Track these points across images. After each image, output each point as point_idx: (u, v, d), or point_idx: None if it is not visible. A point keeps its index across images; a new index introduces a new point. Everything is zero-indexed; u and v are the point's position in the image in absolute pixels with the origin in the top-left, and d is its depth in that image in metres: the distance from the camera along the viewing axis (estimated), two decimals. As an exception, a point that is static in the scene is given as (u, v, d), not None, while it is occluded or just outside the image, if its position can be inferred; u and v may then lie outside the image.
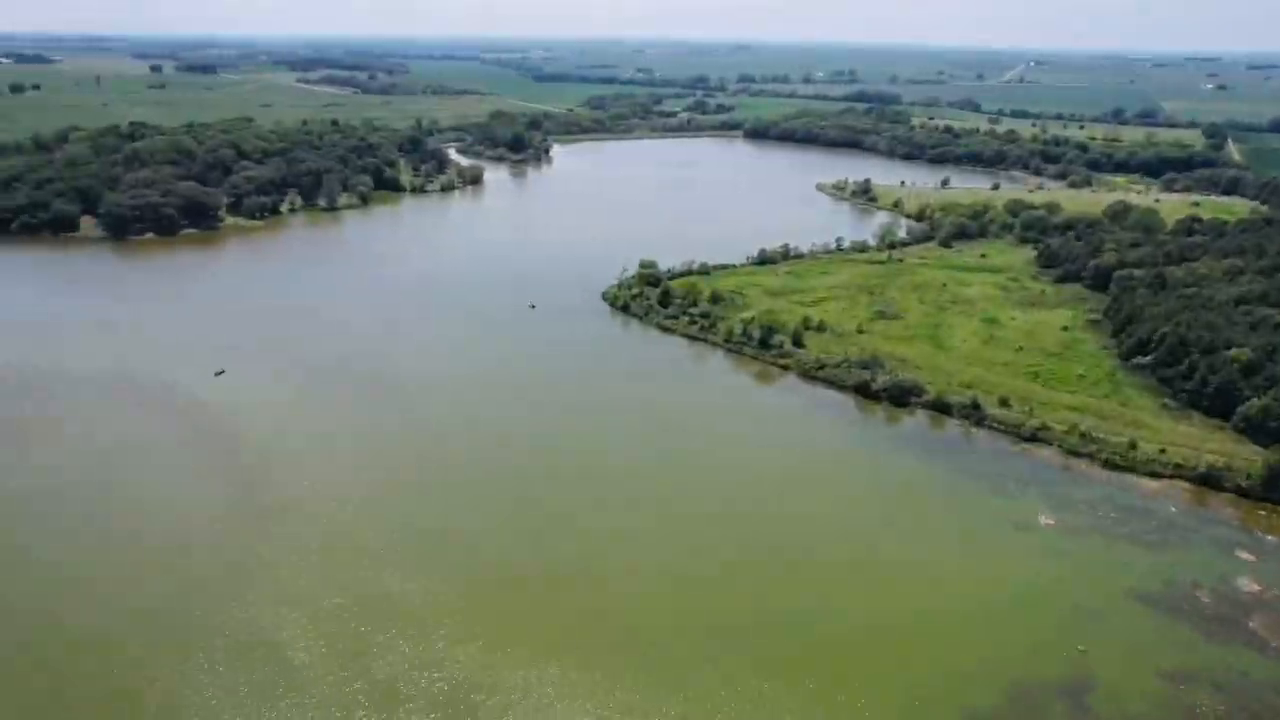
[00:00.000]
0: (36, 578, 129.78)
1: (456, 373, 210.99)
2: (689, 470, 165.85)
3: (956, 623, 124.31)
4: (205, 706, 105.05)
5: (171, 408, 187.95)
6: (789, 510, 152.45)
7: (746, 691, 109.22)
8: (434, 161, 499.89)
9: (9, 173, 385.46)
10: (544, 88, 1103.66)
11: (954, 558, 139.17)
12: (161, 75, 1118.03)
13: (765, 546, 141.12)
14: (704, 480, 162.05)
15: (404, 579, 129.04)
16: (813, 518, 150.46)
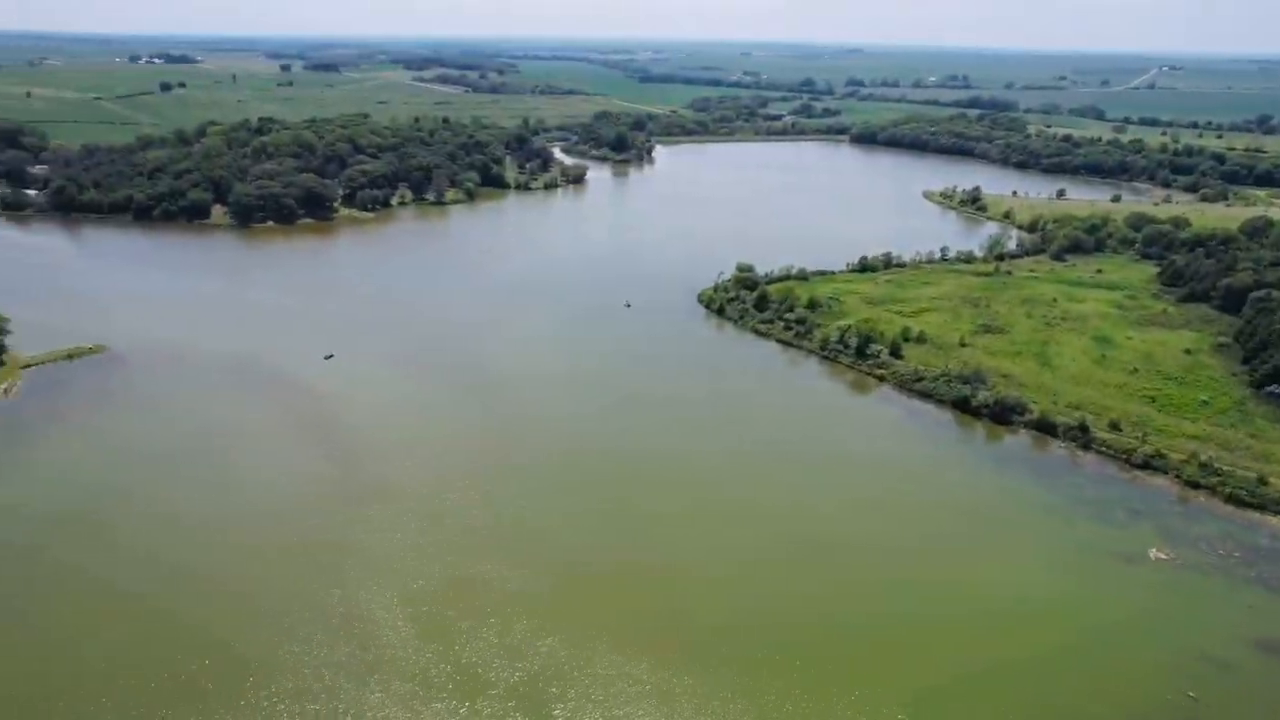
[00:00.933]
0: (154, 539, 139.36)
1: (551, 367, 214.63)
2: (779, 478, 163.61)
3: (1057, 658, 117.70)
4: (298, 674, 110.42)
5: (284, 388, 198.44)
6: (880, 527, 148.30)
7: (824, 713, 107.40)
8: (539, 160, 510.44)
9: (154, 164, 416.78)
10: (649, 89, 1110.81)
11: (1056, 587, 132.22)
12: (290, 74, 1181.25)
13: (855, 565, 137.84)
14: (794, 490, 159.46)
15: (491, 567, 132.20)
16: (906, 536, 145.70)
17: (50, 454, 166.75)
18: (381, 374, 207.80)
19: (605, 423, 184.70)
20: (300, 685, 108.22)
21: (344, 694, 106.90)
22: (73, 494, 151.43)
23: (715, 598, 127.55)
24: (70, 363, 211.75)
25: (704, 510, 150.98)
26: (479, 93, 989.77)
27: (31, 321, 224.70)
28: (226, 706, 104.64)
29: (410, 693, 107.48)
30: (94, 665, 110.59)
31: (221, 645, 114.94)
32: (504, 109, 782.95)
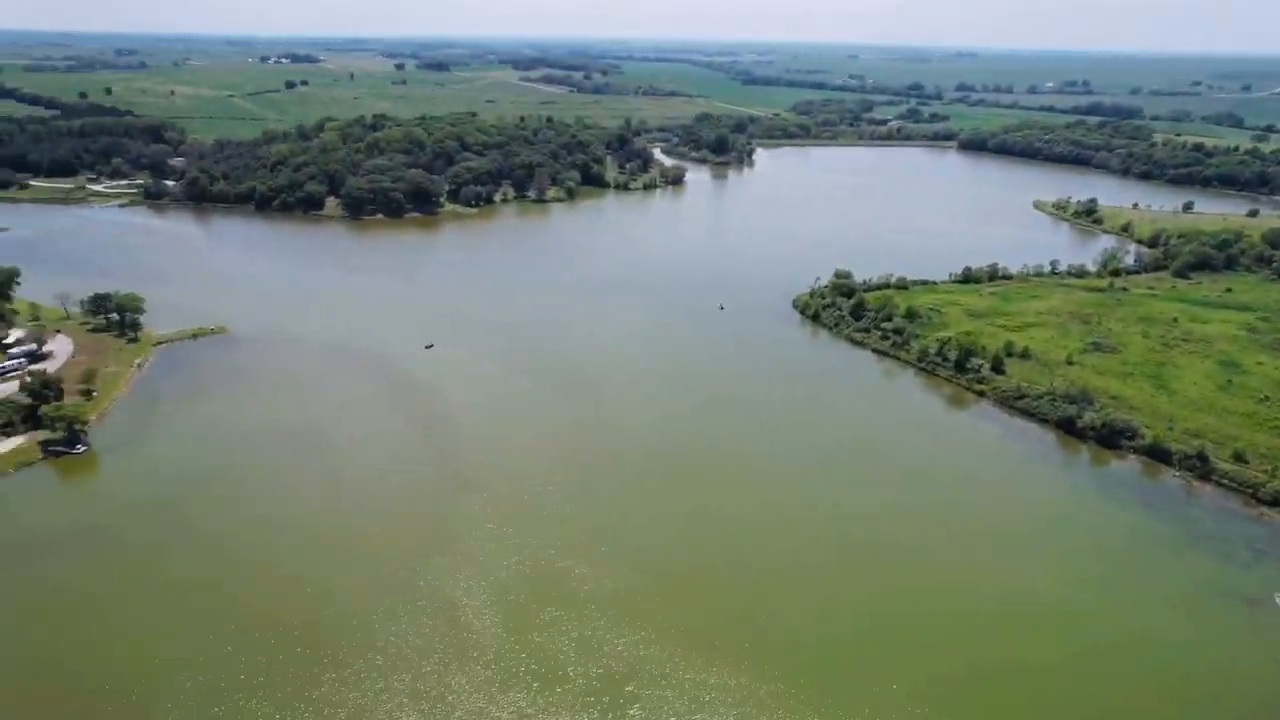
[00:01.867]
0: (256, 511, 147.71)
1: (641, 367, 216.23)
2: (867, 490, 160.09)
3: (1174, 710, 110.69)
4: (386, 651, 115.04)
5: (386, 374, 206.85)
6: (973, 552, 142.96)
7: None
8: (639, 160, 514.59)
9: (276, 157, 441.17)
10: (752, 91, 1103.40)
11: (1172, 631, 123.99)
12: (404, 72, 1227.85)
13: (943, 588, 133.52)
14: (882, 502, 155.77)
15: (574, 561, 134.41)
16: (1002, 565, 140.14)
17: (175, 424, 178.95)
18: (479, 366, 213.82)
19: (693, 424, 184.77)
20: (388, 661, 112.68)
21: (428, 674, 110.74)
22: (191, 463, 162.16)
23: (795, 605, 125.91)
24: (195, 341, 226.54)
25: (788, 516, 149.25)
26: (583, 93, 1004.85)
27: (164, 302, 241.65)
28: (319, 674, 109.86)
29: (490, 679, 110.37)
30: (204, 615, 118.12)
31: (316, 617, 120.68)
32: (606, 109, 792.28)
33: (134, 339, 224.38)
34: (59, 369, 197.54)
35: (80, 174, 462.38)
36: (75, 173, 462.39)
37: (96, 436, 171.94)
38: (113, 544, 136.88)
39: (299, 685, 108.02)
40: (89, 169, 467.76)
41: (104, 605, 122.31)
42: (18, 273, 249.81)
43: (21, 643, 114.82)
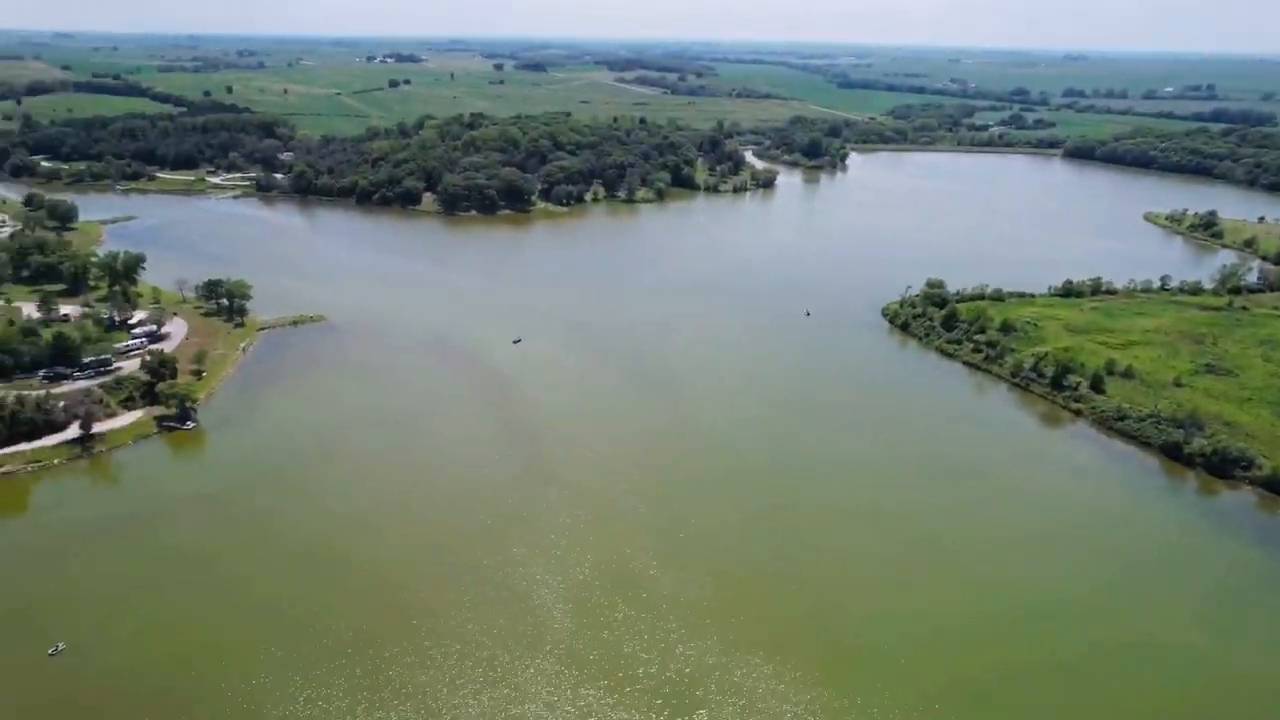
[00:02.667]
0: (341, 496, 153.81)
1: (725, 370, 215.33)
2: (950, 506, 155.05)
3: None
4: (461, 637, 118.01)
5: (475, 366, 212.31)
6: (1069, 583, 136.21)
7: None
8: (730, 163, 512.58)
9: (377, 153, 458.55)
10: (848, 95, 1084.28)
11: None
12: (502, 72, 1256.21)
13: (1028, 615, 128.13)
14: (964, 519, 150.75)
15: (651, 562, 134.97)
16: (1101, 598, 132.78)
17: (274, 405, 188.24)
18: (565, 362, 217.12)
19: (773, 429, 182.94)
20: (463, 649, 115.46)
21: (501, 664, 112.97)
22: (287, 443, 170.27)
23: (872, 619, 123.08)
24: (295, 328, 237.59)
25: (865, 527, 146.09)
26: (677, 94, 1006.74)
27: (269, 290, 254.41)
28: (397, 657, 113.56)
29: (562, 673, 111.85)
30: (294, 587, 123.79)
31: (396, 598, 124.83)
32: (699, 111, 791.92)
33: (241, 324, 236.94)
34: (174, 349, 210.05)
35: (201, 167, 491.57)
36: (196, 166, 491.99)
37: (204, 414, 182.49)
38: (218, 514, 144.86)
39: (375, 664, 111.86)
40: (209, 162, 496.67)
41: (211, 569, 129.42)
42: (143, 259, 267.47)
43: (145, 598, 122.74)
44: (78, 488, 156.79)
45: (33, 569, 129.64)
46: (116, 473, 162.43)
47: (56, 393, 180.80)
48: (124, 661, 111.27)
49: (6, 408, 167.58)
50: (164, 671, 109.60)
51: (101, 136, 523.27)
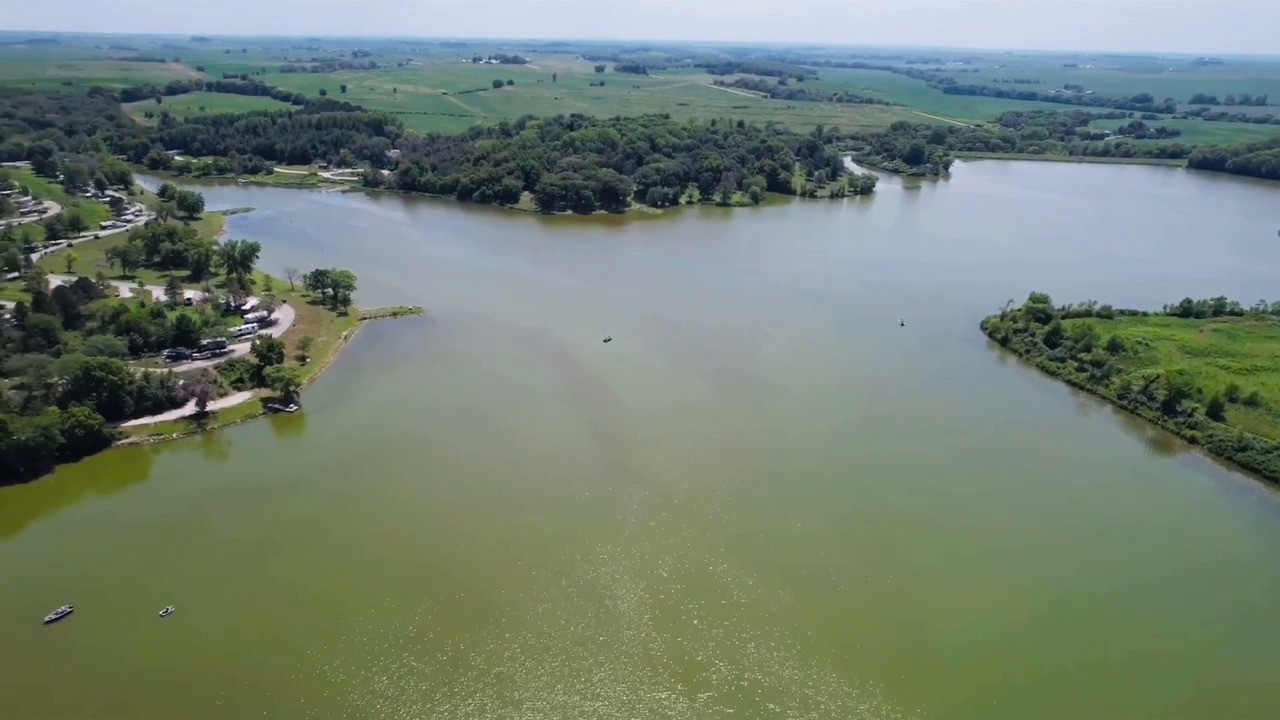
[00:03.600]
0: (432, 485, 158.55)
1: (814, 377, 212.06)
2: (1042, 530, 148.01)
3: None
4: (539, 630, 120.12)
5: (565, 363, 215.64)
6: (1177, 629, 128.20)
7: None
8: (827, 168, 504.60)
9: (479, 152, 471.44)
10: (954, 100, 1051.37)
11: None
12: (602, 74, 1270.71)
13: (1140, 662, 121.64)
14: (1057, 545, 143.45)
15: (730, 569, 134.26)
16: (1205, 633, 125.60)
17: (370, 392, 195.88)
18: (653, 362, 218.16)
19: (861, 440, 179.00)
20: (540, 642, 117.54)
21: (576, 661, 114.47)
22: (381, 429, 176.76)
23: (955, 643, 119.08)
24: (394, 319, 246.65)
25: (951, 546, 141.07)
26: (776, 98, 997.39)
27: (371, 280, 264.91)
28: (478, 644, 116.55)
29: (635, 674, 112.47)
30: (383, 566, 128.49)
31: (477, 587, 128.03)
32: (799, 115, 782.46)
33: (344, 313, 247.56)
34: (282, 335, 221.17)
35: (314, 162, 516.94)
36: (310, 161, 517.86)
37: (306, 398, 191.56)
38: (314, 494, 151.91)
39: (454, 652, 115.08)
40: (321, 158, 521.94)
41: (305, 545, 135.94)
42: (258, 248, 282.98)
43: (245, 569, 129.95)
44: (193, 461, 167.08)
45: (151, 535, 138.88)
46: (226, 449, 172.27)
47: (177, 371, 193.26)
48: (224, 627, 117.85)
49: (136, 383, 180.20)
50: (258, 641, 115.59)
51: (228, 133, 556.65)
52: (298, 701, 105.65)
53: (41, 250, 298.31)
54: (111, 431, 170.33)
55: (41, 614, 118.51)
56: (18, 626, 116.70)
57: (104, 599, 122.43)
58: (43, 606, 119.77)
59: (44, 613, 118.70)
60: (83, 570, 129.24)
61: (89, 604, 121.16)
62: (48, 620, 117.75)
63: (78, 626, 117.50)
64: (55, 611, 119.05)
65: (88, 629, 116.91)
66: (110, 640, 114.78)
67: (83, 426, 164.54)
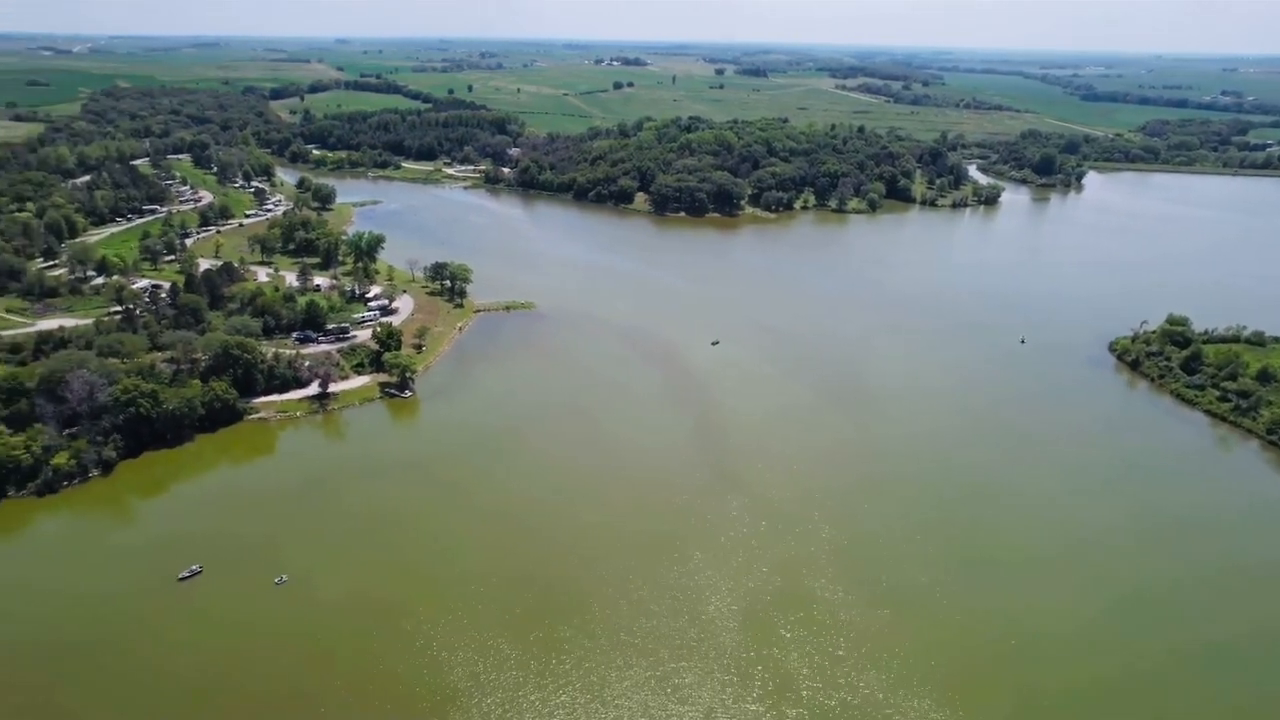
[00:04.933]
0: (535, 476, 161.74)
1: (926, 391, 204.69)
2: (1170, 572, 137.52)
3: None
4: (630, 629, 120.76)
5: (670, 364, 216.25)
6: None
7: None
8: (950, 176, 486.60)
9: (596, 152, 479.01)
10: (1092, 108, 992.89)
11: None
12: (722, 77, 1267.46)
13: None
14: (1187, 594, 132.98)
15: (828, 583, 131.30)
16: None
17: (481, 383, 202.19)
18: (760, 368, 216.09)
19: (971, 460, 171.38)
20: (629, 640, 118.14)
21: (665, 664, 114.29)
22: (489, 419, 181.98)
23: (1070, 679, 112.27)
24: (507, 313, 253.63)
25: (1066, 576, 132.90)
26: (899, 103, 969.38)
27: (486, 274, 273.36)
28: (569, 640, 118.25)
29: (725, 681, 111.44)
30: (486, 551, 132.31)
31: (571, 582, 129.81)
32: (922, 121, 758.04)
33: (460, 305, 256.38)
34: (401, 323, 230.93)
35: (439, 158, 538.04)
36: (435, 157, 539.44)
37: (421, 385, 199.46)
38: (423, 476, 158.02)
39: (548, 643, 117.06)
40: (446, 154, 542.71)
41: (413, 525, 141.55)
42: (383, 239, 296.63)
43: (357, 544, 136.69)
44: (313, 439, 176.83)
45: (272, 506, 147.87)
46: (344, 429, 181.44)
47: (304, 353, 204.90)
48: (334, 597, 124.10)
49: (268, 363, 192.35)
50: (363, 613, 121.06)
51: (361, 129, 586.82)
52: (396, 671, 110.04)
53: (194, 235, 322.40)
54: (244, 406, 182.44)
55: (176, 570, 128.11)
56: (158, 581, 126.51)
57: (228, 562, 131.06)
58: (178, 564, 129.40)
59: (178, 569, 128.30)
60: (212, 533, 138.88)
61: (216, 565, 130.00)
62: (181, 577, 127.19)
63: (205, 585, 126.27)
64: (188, 569, 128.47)
65: (213, 589, 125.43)
66: (231, 601, 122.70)
67: (220, 400, 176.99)
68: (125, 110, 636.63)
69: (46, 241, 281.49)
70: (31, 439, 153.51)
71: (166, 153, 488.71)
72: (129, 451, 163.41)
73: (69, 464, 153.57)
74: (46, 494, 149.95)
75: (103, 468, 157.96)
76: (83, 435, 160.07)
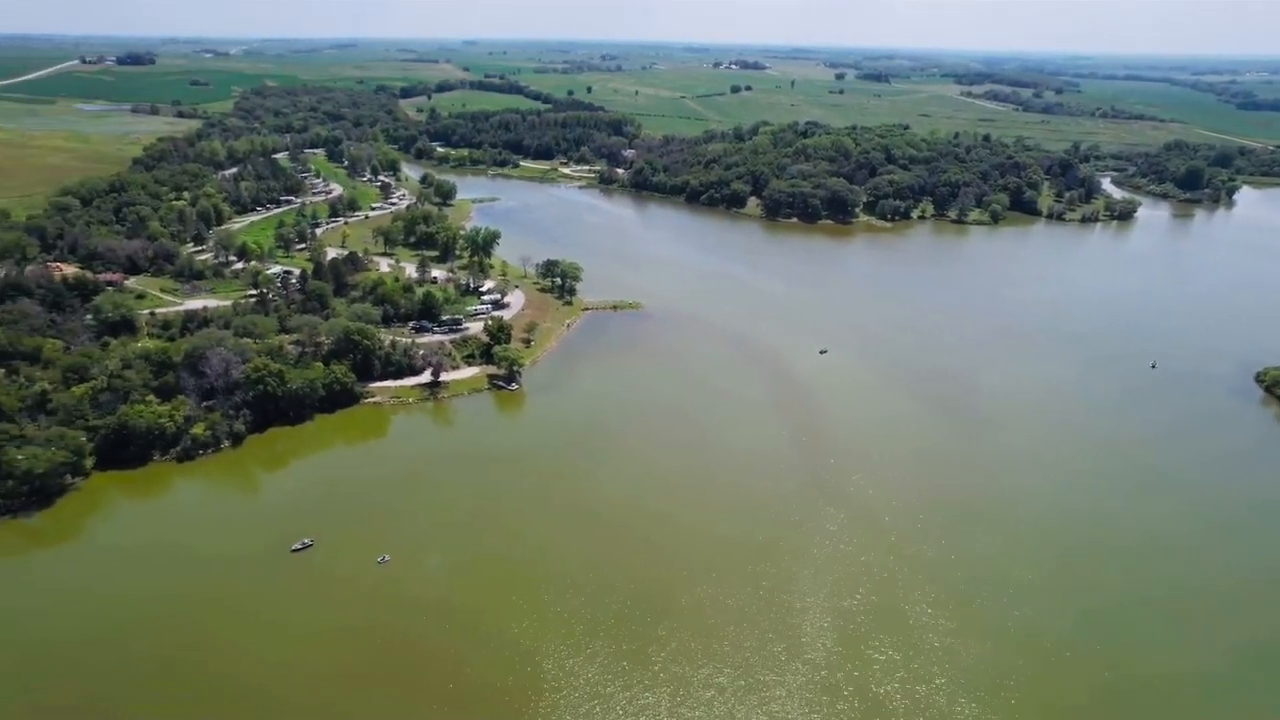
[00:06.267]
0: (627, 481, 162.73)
1: (1040, 413, 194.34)
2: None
3: None
4: (721, 639, 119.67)
5: (775, 370, 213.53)
6: None
7: None
8: (1081, 189, 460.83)
9: (710, 155, 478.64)
10: (1250, 117, 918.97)
11: None
12: (842, 82, 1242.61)
13: None
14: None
15: (929, 610, 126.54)
16: None
17: (585, 380, 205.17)
18: (867, 379, 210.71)
19: (1092, 490, 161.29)
20: (722, 650, 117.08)
21: (754, 674, 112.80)
22: (590, 415, 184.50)
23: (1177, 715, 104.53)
24: (614, 312, 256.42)
25: (1201, 629, 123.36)
26: (1029, 111, 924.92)
27: (596, 273, 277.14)
28: (660, 639, 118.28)
29: (814, 700, 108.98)
30: (574, 556, 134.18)
31: (663, 583, 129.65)
32: (1053, 130, 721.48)
33: (569, 302, 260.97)
34: (511, 318, 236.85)
35: (556, 158, 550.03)
36: (552, 156, 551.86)
37: (527, 378, 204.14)
38: (526, 469, 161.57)
39: (640, 642, 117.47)
40: (563, 154, 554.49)
41: (513, 515, 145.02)
42: (499, 235, 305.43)
43: (456, 530, 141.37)
44: (423, 425, 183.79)
45: (381, 488, 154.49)
46: (452, 417, 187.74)
47: (419, 342, 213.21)
48: (430, 581, 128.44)
49: (385, 349, 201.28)
50: (456, 597, 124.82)
51: (483, 128, 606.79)
52: (487, 657, 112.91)
53: (324, 226, 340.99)
54: (361, 390, 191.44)
55: (290, 543, 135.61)
56: (273, 551, 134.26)
57: (337, 538, 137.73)
58: (292, 535, 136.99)
59: (292, 541, 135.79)
60: (325, 509, 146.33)
61: (325, 541, 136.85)
62: (294, 549, 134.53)
63: (315, 559, 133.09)
64: (300, 542, 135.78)
65: (322, 563, 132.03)
66: (337, 576, 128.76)
67: (340, 383, 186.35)
68: (270, 108, 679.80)
69: (197, 228, 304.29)
70: (175, 409, 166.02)
71: (304, 147, 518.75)
72: (256, 426, 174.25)
73: (205, 434, 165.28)
74: (185, 460, 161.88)
75: (233, 439, 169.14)
76: (218, 408, 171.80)
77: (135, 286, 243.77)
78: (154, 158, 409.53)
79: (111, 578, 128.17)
